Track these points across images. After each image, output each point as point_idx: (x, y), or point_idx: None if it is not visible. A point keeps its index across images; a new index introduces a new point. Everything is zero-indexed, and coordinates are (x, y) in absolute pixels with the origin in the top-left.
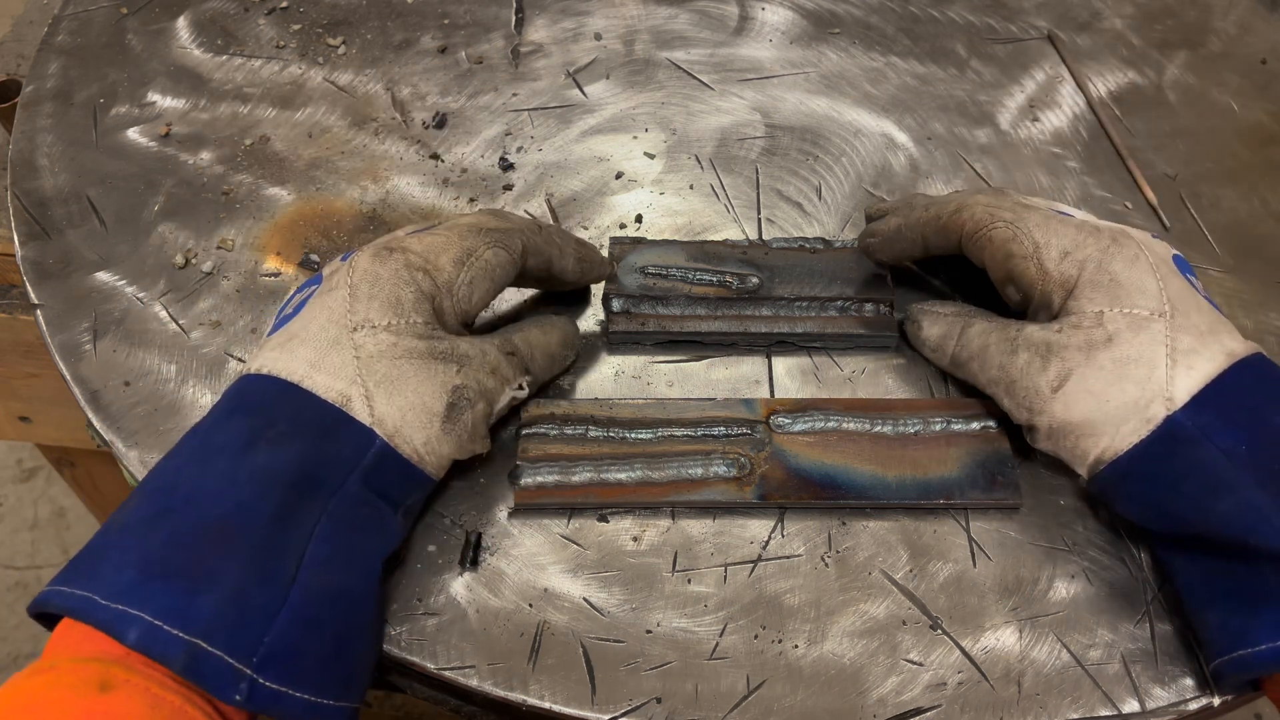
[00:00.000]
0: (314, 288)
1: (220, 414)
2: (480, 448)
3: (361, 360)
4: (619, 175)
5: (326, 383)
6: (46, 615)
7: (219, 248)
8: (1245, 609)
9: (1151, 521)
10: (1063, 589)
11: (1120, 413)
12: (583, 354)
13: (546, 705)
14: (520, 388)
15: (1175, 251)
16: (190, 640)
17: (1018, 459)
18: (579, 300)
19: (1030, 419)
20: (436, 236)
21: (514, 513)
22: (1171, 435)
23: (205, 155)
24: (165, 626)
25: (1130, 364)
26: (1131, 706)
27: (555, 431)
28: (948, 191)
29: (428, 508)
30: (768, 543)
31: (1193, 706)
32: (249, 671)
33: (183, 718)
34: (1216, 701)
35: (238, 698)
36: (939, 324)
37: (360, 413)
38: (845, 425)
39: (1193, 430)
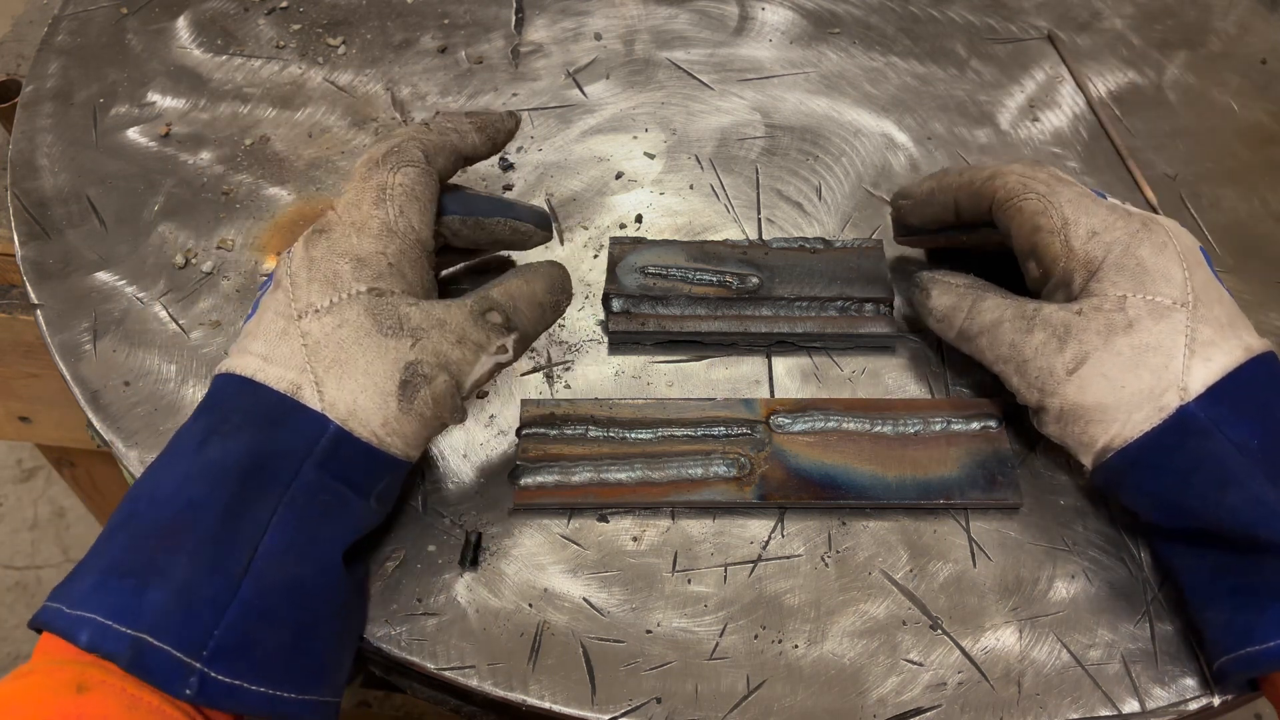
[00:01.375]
0: (268, 287)
1: (191, 417)
2: (453, 421)
3: (309, 347)
4: (619, 175)
5: (278, 373)
6: None
7: (219, 248)
8: (1251, 606)
9: (1157, 513)
10: (1063, 589)
11: (1134, 400)
12: (583, 354)
13: (546, 705)
14: (503, 349)
15: (1199, 244)
16: (136, 635)
17: (1018, 459)
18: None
19: (1041, 400)
20: (348, 194)
21: (514, 513)
22: (1183, 425)
23: (205, 155)
24: (114, 625)
25: (1149, 351)
26: (1131, 706)
27: (555, 432)
28: None
29: (426, 506)
30: (768, 543)
31: (1193, 706)
32: (199, 665)
33: (161, 717)
34: (1217, 701)
35: (188, 692)
36: (949, 294)
37: (311, 399)
38: (845, 425)
39: (1205, 422)
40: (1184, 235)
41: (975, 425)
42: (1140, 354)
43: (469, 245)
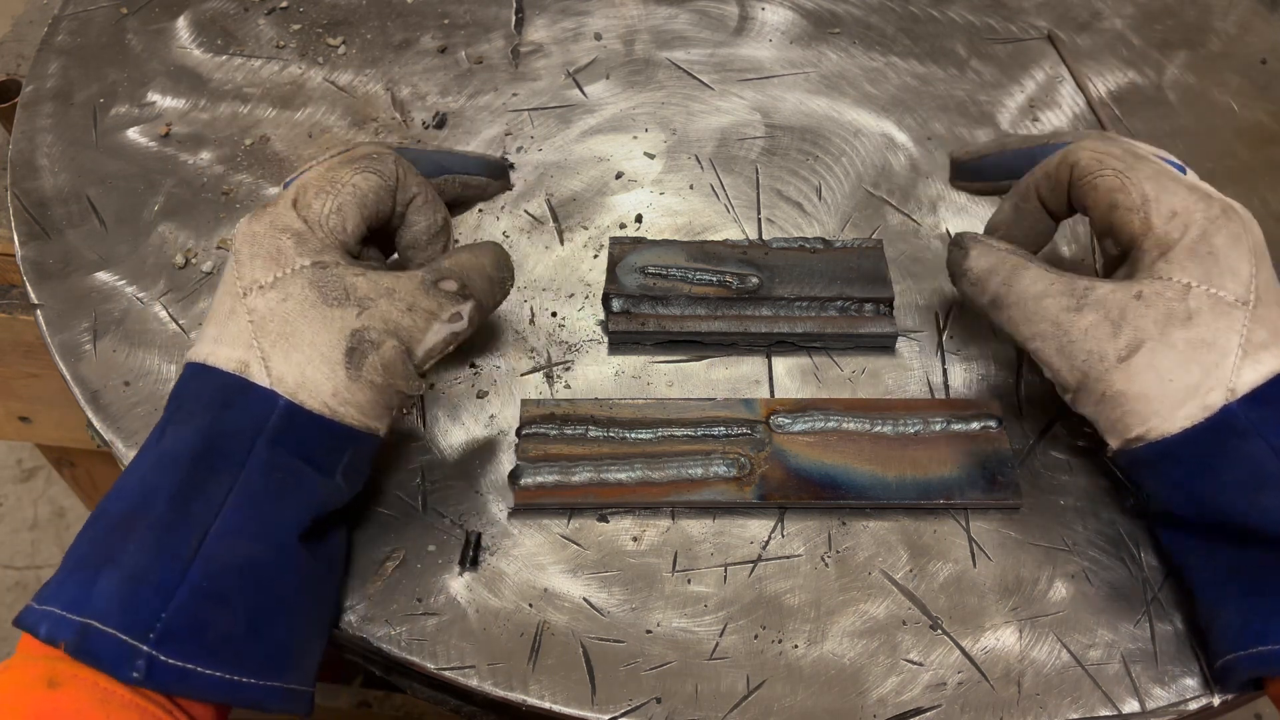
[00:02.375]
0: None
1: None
2: (408, 388)
3: (255, 324)
4: (619, 175)
5: (227, 354)
6: None
7: (219, 248)
8: (1266, 606)
9: (1179, 505)
10: (1063, 589)
11: (1179, 394)
12: (583, 354)
13: (546, 705)
14: (457, 317)
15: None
16: (82, 621)
17: (1018, 459)
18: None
19: (1084, 382)
20: (307, 174)
21: (514, 513)
22: (1224, 425)
23: (205, 155)
24: (66, 614)
25: (1203, 348)
26: (1131, 706)
27: (555, 431)
28: (949, 194)
29: (426, 506)
30: (768, 543)
31: (1193, 706)
32: (145, 648)
33: (134, 710)
34: (1217, 701)
35: (135, 675)
36: (989, 255)
37: (259, 376)
38: (845, 425)
39: (1245, 423)
40: (1256, 229)
41: (975, 425)
42: (1194, 349)
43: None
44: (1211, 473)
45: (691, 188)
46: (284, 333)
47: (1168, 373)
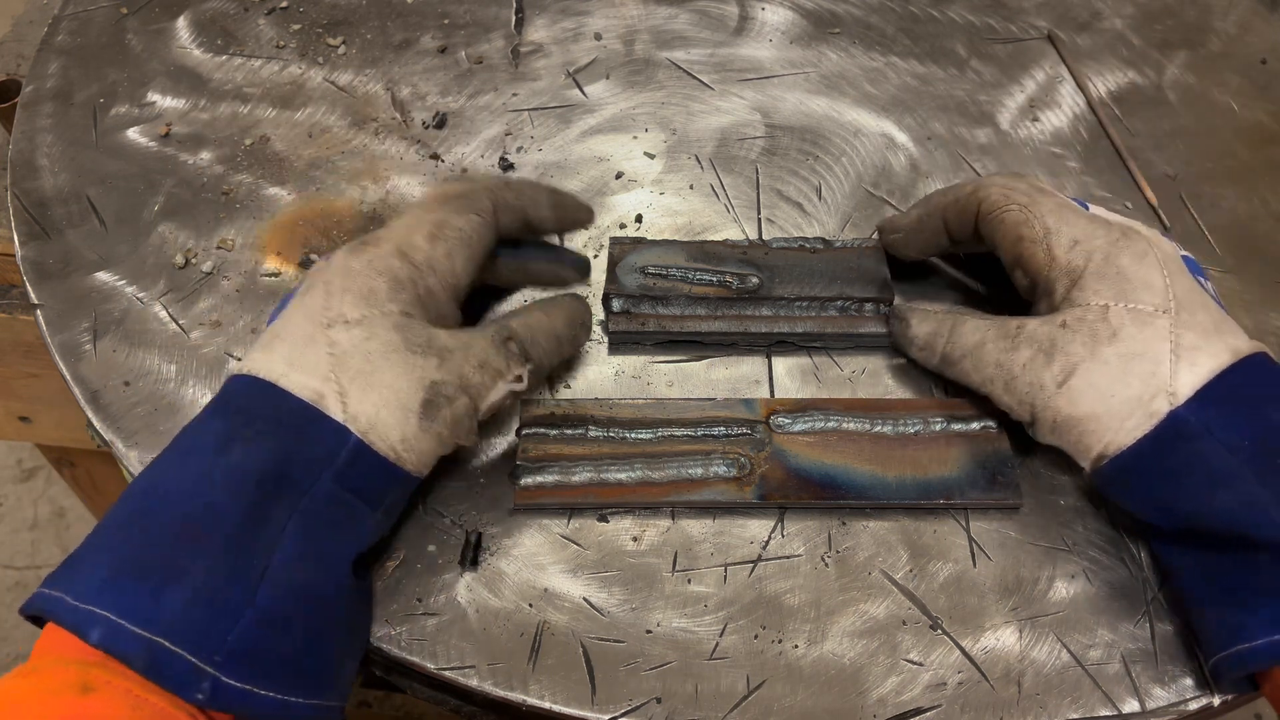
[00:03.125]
0: (300, 290)
1: (204, 415)
2: (466, 442)
3: (336, 356)
4: (619, 175)
5: (301, 380)
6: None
7: (219, 248)
8: (1242, 604)
9: (1153, 516)
10: (1063, 589)
11: (1124, 407)
12: (583, 354)
13: (546, 705)
14: (519, 379)
15: (1185, 253)
16: (151, 639)
17: (1018, 459)
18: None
19: (1033, 414)
20: (406, 218)
21: (514, 513)
22: (1174, 430)
23: (205, 155)
24: (128, 625)
25: (1134, 359)
26: (1131, 706)
27: (555, 431)
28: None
29: (426, 506)
30: (768, 543)
31: (1193, 706)
32: (211, 670)
33: (165, 718)
34: (1216, 701)
35: (200, 696)
36: (928, 321)
37: (334, 410)
38: (845, 425)
39: (1195, 425)
40: (1164, 244)
41: (975, 425)
42: (1127, 362)
43: (508, 284)
44: (1172, 478)
45: (691, 188)
46: (364, 370)
47: (1107, 389)
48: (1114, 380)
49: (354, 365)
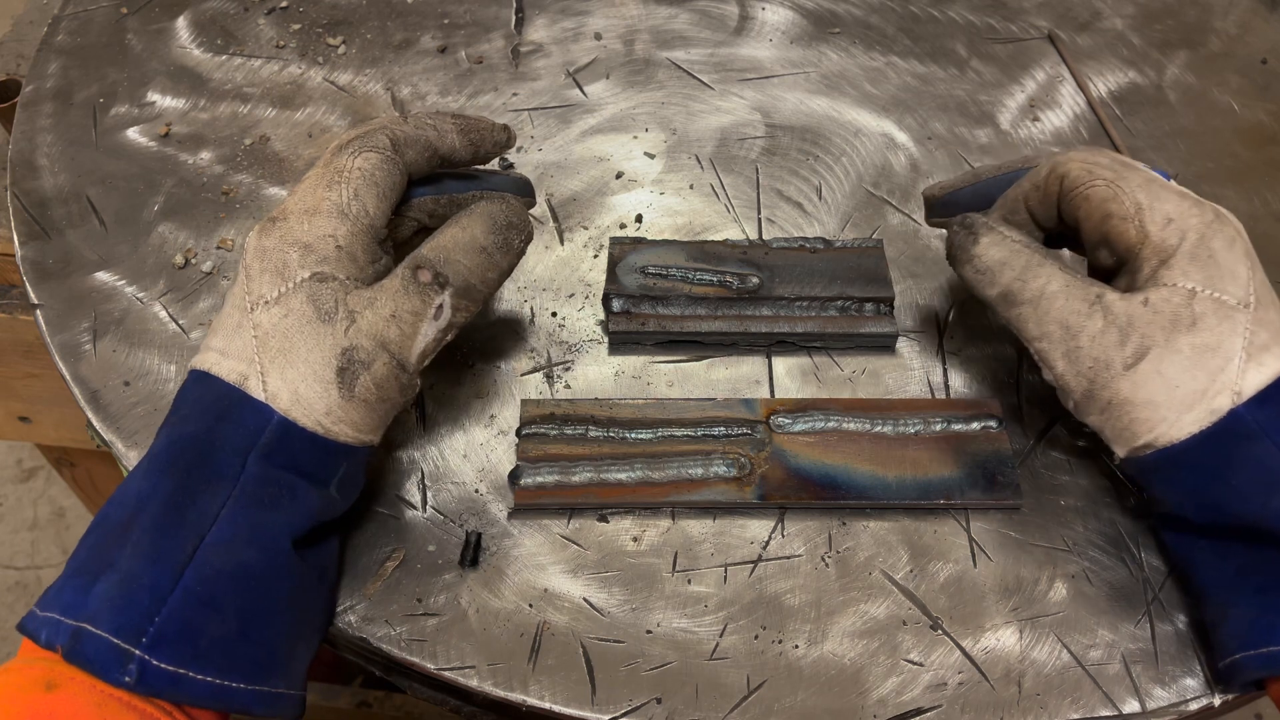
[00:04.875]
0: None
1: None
2: (404, 398)
3: (259, 339)
4: (619, 175)
5: (230, 366)
6: None
7: (219, 248)
8: (1277, 606)
9: (1192, 510)
10: (1063, 589)
11: (1186, 400)
12: (583, 354)
13: (546, 705)
14: (440, 311)
15: None
16: (78, 625)
17: (1017, 459)
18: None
19: (1090, 389)
20: (304, 180)
21: (514, 513)
22: (1232, 429)
23: (205, 155)
24: (63, 619)
25: (1209, 352)
26: (1132, 707)
27: (555, 432)
28: None
29: (426, 506)
30: (768, 543)
31: (1193, 707)
32: (137, 652)
33: (132, 713)
34: (1217, 701)
35: (127, 679)
36: (1002, 247)
37: (256, 390)
38: (845, 425)
39: (1253, 425)
40: (1244, 233)
41: (975, 425)
42: (1200, 354)
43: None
44: (1222, 477)
45: (691, 188)
46: (283, 349)
47: (1174, 379)
48: (1183, 371)
49: (274, 345)
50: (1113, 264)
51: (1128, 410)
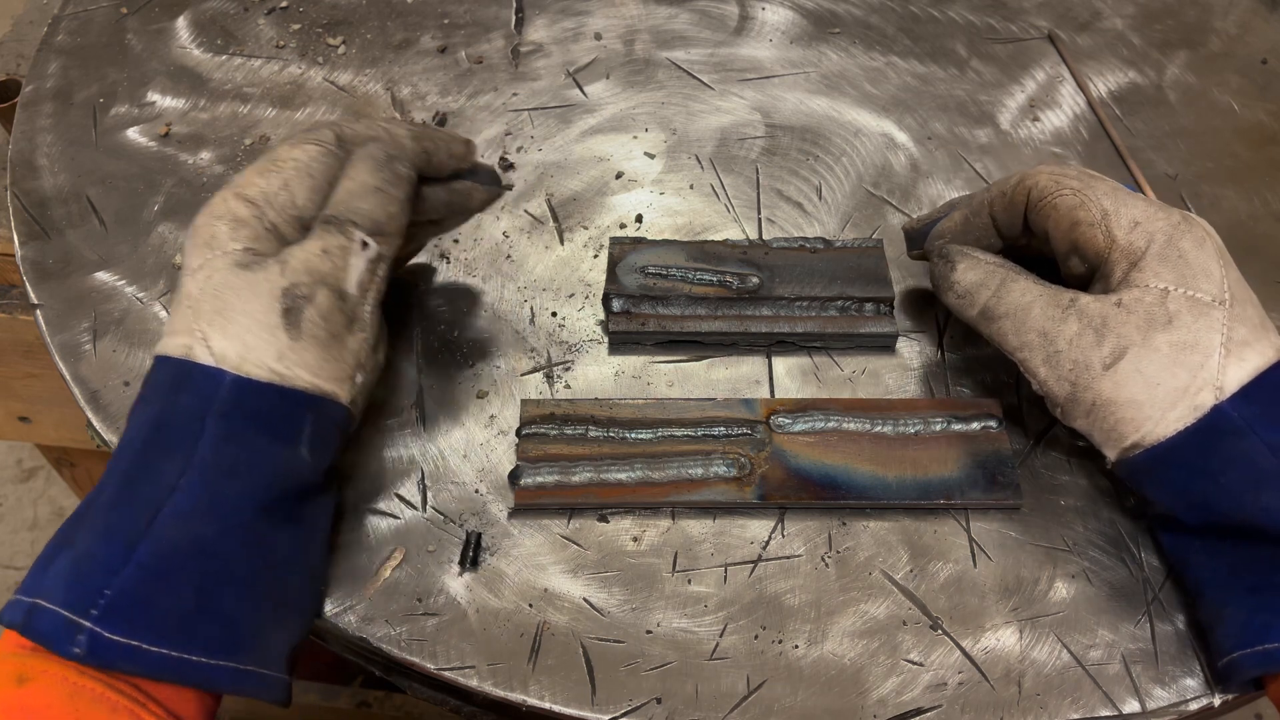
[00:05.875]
0: None
1: None
2: (353, 333)
3: (192, 307)
4: (619, 175)
5: (177, 342)
6: None
7: None
8: (1270, 604)
9: (1182, 509)
10: (1063, 589)
11: (1168, 398)
12: (583, 354)
13: (546, 705)
14: (366, 244)
15: None
16: (33, 602)
17: (1017, 459)
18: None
19: (1072, 393)
20: (256, 161)
21: (514, 513)
22: (1217, 425)
23: (205, 155)
24: (21, 597)
25: (1187, 349)
26: (1132, 707)
27: (555, 432)
28: (950, 192)
29: (426, 506)
30: (768, 543)
31: (1193, 707)
32: (87, 624)
33: (104, 705)
34: (1217, 701)
35: (77, 650)
36: (976, 269)
37: (203, 357)
38: (845, 425)
39: (1238, 421)
40: (1215, 234)
41: (975, 425)
42: (1178, 351)
43: (414, 232)
44: (1210, 474)
45: (692, 188)
46: (217, 309)
47: (1154, 377)
48: (1163, 368)
49: (207, 307)
50: (1084, 271)
51: (1112, 411)
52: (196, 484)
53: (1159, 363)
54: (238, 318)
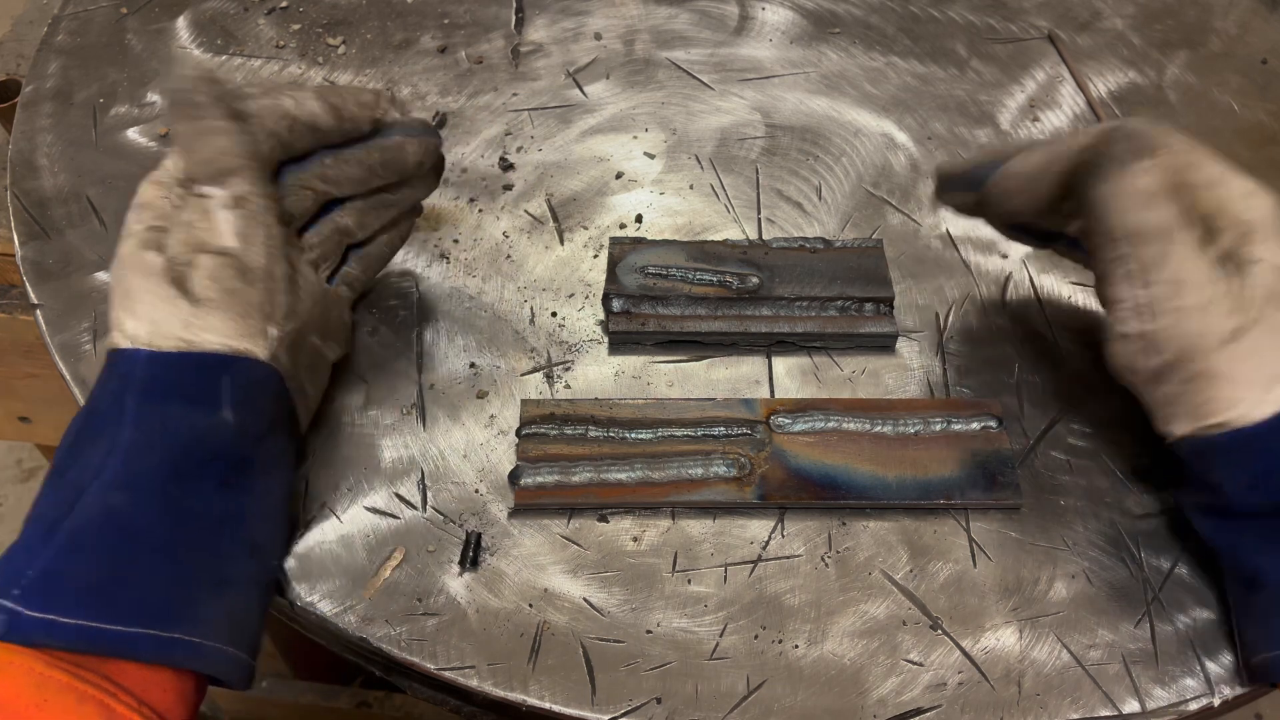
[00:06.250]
0: None
1: None
2: (257, 280)
3: (110, 298)
4: (619, 175)
5: (110, 340)
6: None
7: None
8: None
9: (1255, 497)
10: (1063, 589)
11: (1270, 380)
12: (583, 354)
13: (546, 705)
14: (215, 196)
15: None
16: None
17: (1017, 459)
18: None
19: (1180, 357)
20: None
21: (514, 513)
22: None
23: None
24: None
25: None
26: (1132, 707)
27: (555, 431)
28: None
29: (426, 506)
30: (768, 543)
31: (1193, 707)
32: (8, 603)
33: (71, 693)
34: (1217, 702)
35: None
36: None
37: (121, 341)
38: (845, 425)
39: None
40: None
41: (975, 425)
42: None
43: (353, 188)
44: None
45: (691, 188)
46: (123, 293)
47: (1269, 357)
48: (1275, 348)
49: (117, 293)
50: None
51: (1214, 385)
52: (118, 463)
53: (1274, 343)
54: (142, 296)
